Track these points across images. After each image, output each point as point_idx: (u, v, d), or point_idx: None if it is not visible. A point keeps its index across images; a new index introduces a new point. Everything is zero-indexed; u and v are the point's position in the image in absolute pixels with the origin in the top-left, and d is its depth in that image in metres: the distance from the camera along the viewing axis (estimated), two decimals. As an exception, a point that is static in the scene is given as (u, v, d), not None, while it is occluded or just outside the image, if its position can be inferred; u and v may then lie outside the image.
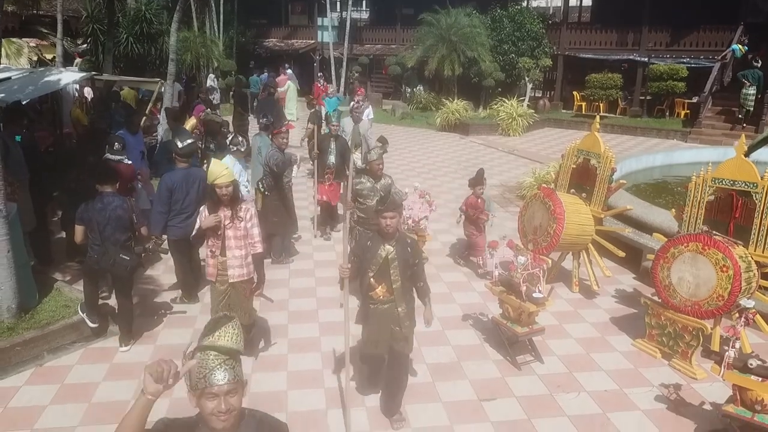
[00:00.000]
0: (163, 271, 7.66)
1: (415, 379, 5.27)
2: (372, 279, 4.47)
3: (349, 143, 8.39)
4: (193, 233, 5.24)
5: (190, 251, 6.82)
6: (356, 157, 9.03)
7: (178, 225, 6.47)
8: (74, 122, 12.15)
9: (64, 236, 7.54)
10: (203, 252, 5.49)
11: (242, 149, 7.99)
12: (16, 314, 5.72)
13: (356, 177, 6.47)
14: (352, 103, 14.38)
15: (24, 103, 9.80)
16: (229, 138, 8.26)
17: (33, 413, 4.78)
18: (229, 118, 14.91)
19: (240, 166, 7.65)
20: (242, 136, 9.81)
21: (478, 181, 7.80)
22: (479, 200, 7.80)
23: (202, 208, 5.15)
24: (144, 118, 10.98)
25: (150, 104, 12.71)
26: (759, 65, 17.50)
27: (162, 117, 11.96)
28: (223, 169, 4.97)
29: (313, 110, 13.27)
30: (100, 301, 6.15)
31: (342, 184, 9.00)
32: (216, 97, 20.59)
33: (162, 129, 11.71)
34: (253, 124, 15.02)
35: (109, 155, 7.08)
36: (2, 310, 5.67)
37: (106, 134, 8.21)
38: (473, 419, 4.83)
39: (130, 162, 7.33)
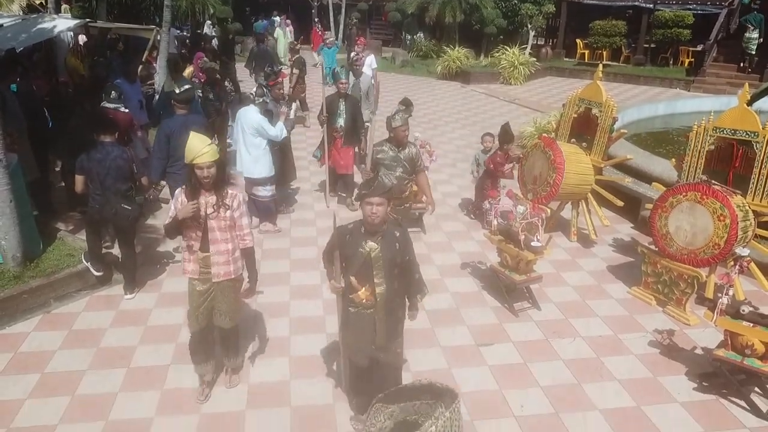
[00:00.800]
0: (165, 220, 7.70)
1: (415, 325, 5.38)
2: (353, 279, 3.79)
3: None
4: (166, 222, 4.26)
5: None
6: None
7: (177, 172, 6.40)
8: (70, 71, 11.96)
9: (65, 186, 7.56)
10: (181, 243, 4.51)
11: (268, 100, 7.51)
12: (22, 263, 5.80)
13: (377, 145, 5.97)
14: (351, 54, 13.99)
15: (18, 51, 9.64)
16: (254, 90, 7.76)
17: (43, 358, 4.92)
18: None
19: (254, 119, 7.02)
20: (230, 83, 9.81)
21: (508, 138, 7.56)
22: (507, 156, 7.55)
23: (178, 191, 4.23)
24: (141, 66, 10.80)
25: (146, 52, 12.50)
26: (757, 8, 17.31)
27: (159, 66, 11.78)
28: (203, 145, 3.96)
29: (297, 56, 12.98)
30: (104, 251, 6.23)
31: (356, 149, 8.34)
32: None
33: (159, 78, 11.56)
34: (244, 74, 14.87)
35: (105, 104, 7.02)
36: (7, 259, 5.75)
37: (104, 83, 8.11)
38: (471, 363, 4.97)
39: (126, 110, 7.27)
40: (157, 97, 9.99)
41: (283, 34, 21.17)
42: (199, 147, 3.94)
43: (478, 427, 4.24)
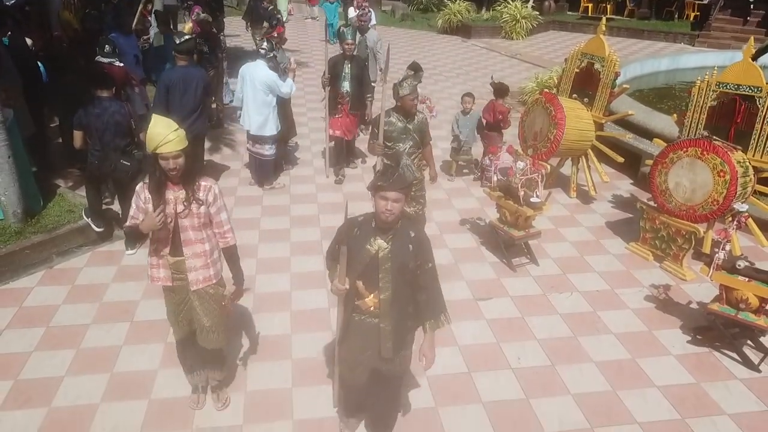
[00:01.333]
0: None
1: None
2: (360, 282, 3.25)
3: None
4: (126, 224, 3.54)
5: (192, 149, 6.86)
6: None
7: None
8: (63, 25, 11.69)
9: (62, 142, 7.52)
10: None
11: (277, 54, 7.35)
12: (22, 219, 5.82)
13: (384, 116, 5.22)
14: (351, 9, 13.52)
15: (9, 3, 9.41)
16: (263, 45, 7.47)
17: (48, 312, 4.99)
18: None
19: (266, 74, 6.91)
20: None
21: (503, 91, 7.55)
22: (508, 111, 7.51)
23: (139, 186, 3.49)
24: (135, 20, 10.56)
25: (140, 5, 12.21)
26: None
27: (154, 20, 11.53)
28: (168, 131, 3.25)
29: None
30: (104, 207, 6.24)
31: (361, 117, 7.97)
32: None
33: (154, 32, 11.33)
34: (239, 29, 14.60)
35: (99, 58, 6.91)
36: (8, 215, 5.77)
37: (97, 36, 7.95)
38: (469, 317, 5.05)
39: (121, 65, 7.16)
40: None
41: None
42: (163, 133, 3.21)
43: (475, 379, 4.34)
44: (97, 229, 5.97)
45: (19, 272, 5.47)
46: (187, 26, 10.23)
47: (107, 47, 6.95)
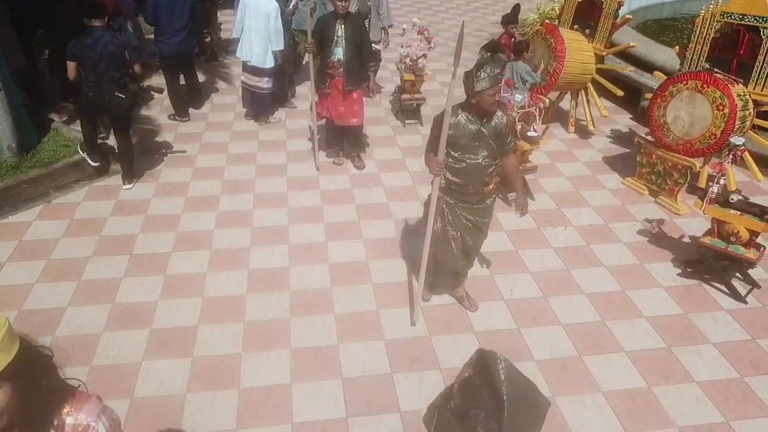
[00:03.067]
0: (159, 111, 7.64)
1: (410, 215, 5.50)
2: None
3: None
4: None
5: (181, 70, 7.44)
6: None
7: (165, 41, 6.95)
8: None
9: (55, 75, 7.39)
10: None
11: None
12: (18, 153, 5.81)
13: (446, 115, 3.56)
14: None
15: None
16: None
17: (48, 245, 5.05)
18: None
19: (271, 2, 6.76)
20: None
21: (512, 18, 7.34)
22: (512, 40, 7.26)
23: None
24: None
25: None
26: None
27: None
28: None
29: None
30: (99, 141, 6.20)
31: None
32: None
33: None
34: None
35: None
36: (3, 149, 5.75)
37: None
38: (464, 250, 5.11)
39: None
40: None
41: None
42: None
43: (467, 311, 4.44)
44: (93, 164, 5.96)
45: (18, 206, 5.50)
46: None
47: None
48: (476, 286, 4.68)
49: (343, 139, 6.47)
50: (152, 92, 6.18)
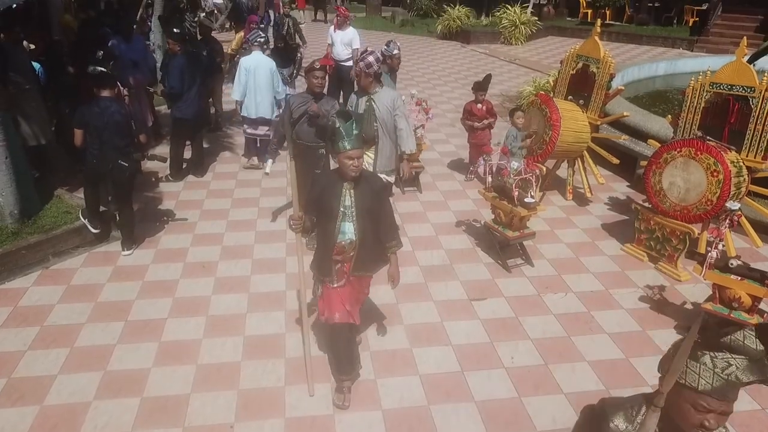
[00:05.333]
0: (161, 179, 7.74)
1: (409, 280, 5.46)
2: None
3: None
4: None
5: (191, 135, 7.81)
6: None
7: (184, 106, 7.46)
8: (64, 29, 11.78)
9: (62, 144, 7.53)
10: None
11: (261, 39, 7.98)
12: (19, 219, 5.85)
13: None
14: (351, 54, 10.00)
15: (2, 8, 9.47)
16: (251, 36, 8.17)
17: (43, 311, 5.00)
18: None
19: (270, 61, 7.89)
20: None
21: (482, 85, 7.69)
22: (479, 106, 7.69)
23: None
24: (134, 26, 10.63)
25: (140, 9, 12.29)
26: None
27: (154, 24, 11.59)
28: None
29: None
30: (102, 208, 6.26)
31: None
32: (210, 4, 19.93)
33: (154, 37, 11.38)
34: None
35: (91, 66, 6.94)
36: (5, 215, 5.79)
37: (94, 43, 8.01)
38: (463, 317, 5.05)
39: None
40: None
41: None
42: None
43: (468, 378, 4.33)
44: (94, 230, 5.99)
45: (15, 272, 5.49)
46: (237, 36, 10.39)
47: (98, 53, 7.01)
48: (476, 353, 4.59)
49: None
50: (158, 160, 6.30)
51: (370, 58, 5.39)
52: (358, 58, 5.66)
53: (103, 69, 6.38)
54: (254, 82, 7.72)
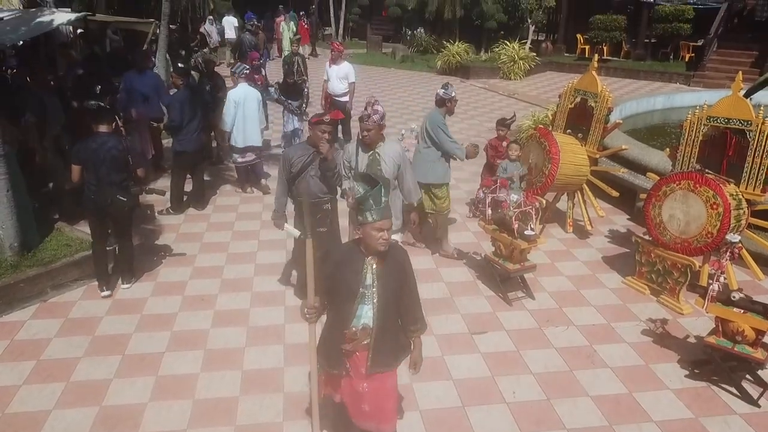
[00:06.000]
0: (161, 212, 7.75)
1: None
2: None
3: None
4: None
5: (193, 168, 7.86)
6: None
7: (186, 139, 7.57)
8: (68, 65, 11.97)
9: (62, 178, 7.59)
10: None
11: (246, 71, 8.37)
12: (19, 252, 5.84)
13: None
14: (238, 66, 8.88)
15: (8, 45, 9.72)
16: (235, 67, 8.66)
17: (40, 345, 4.95)
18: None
19: (256, 92, 8.36)
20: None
21: (506, 122, 7.74)
22: (504, 144, 7.52)
23: None
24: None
25: (145, 45, 12.52)
26: None
27: (158, 59, 11.77)
28: None
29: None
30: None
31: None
32: (214, 41, 20.34)
33: (158, 72, 11.55)
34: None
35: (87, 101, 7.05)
36: (5, 248, 5.79)
37: (95, 78, 8.17)
38: (464, 351, 5.00)
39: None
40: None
41: (287, 28, 21.48)
42: None
43: (469, 413, 4.26)
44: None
45: (13, 305, 5.45)
46: None
47: (96, 88, 7.15)
48: (477, 388, 4.53)
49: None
50: (156, 194, 6.33)
51: (379, 108, 5.06)
52: (369, 113, 5.01)
53: (100, 104, 6.48)
54: (243, 114, 8.09)
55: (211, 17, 22.15)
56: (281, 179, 5.31)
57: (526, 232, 5.57)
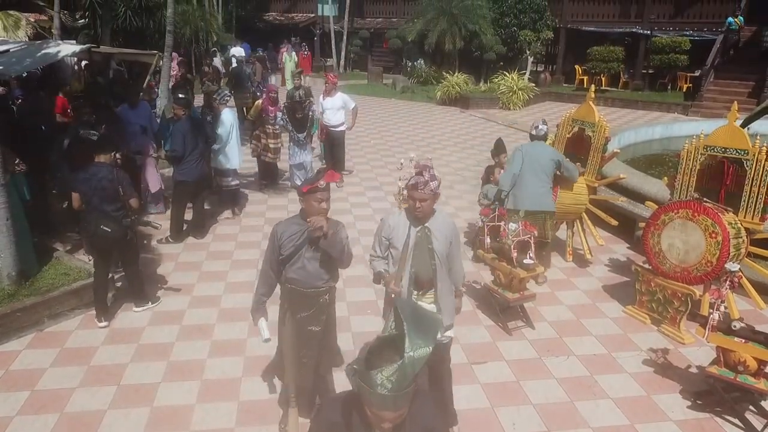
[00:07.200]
0: (160, 242, 7.75)
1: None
2: None
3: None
4: None
5: (194, 197, 7.93)
6: None
7: (188, 168, 7.62)
8: (72, 95, 12.13)
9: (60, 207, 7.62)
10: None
11: (228, 98, 8.94)
12: (17, 281, 5.83)
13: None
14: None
15: (24, 75, 9.85)
16: (216, 93, 8.97)
17: (34, 375, 4.90)
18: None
19: (235, 117, 8.99)
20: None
21: (499, 149, 7.56)
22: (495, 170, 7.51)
23: None
24: (141, 92, 10.95)
25: (148, 77, 12.68)
26: None
27: (161, 90, 11.94)
28: None
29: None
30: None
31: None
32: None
33: (160, 102, 11.71)
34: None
35: (82, 131, 7.10)
36: (2, 277, 5.78)
37: (98, 107, 8.26)
38: (464, 381, 4.93)
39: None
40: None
41: (289, 59, 21.75)
42: None
43: (468, 445, 4.20)
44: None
45: (9, 335, 5.41)
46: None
47: (91, 119, 7.23)
48: (477, 419, 4.46)
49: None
50: (151, 226, 6.35)
51: (436, 173, 3.90)
52: (427, 179, 3.72)
53: (94, 133, 6.54)
54: (232, 135, 8.65)
55: (214, 49, 22.51)
56: (266, 265, 4.15)
57: (525, 261, 5.56)
